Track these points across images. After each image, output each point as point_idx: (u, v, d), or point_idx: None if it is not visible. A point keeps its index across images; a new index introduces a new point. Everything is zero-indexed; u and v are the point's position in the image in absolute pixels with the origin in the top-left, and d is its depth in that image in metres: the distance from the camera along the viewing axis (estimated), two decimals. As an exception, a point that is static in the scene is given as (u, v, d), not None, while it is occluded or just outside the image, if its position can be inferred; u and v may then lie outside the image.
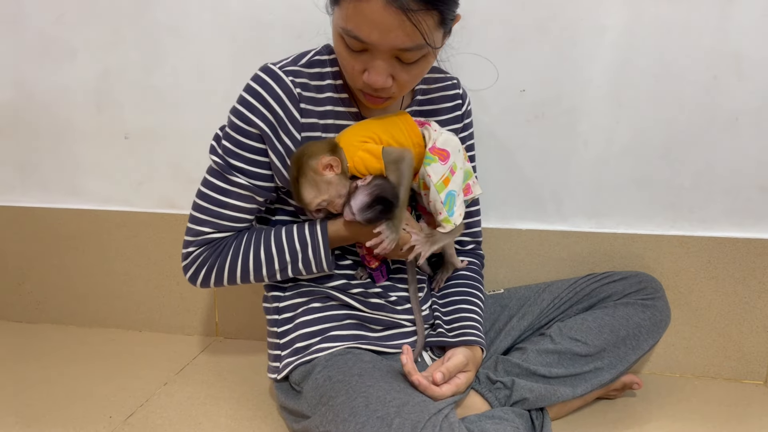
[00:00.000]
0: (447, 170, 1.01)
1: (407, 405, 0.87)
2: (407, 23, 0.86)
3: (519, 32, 1.30)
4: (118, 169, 1.53)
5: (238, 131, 1.03)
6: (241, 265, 1.06)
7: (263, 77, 1.02)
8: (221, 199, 1.05)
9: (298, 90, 1.02)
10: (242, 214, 1.07)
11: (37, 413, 1.18)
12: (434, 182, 1.00)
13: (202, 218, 1.06)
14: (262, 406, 1.21)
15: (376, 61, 0.92)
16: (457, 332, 1.09)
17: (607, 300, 1.19)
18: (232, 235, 1.08)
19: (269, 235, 1.06)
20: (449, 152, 1.03)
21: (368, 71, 0.94)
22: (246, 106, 1.01)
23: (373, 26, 0.87)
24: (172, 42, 1.43)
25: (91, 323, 1.61)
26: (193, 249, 1.08)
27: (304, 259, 1.05)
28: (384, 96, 0.98)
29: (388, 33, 0.87)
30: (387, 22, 0.86)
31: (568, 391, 1.09)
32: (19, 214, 1.59)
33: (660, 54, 1.26)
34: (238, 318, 1.54)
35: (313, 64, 1.05)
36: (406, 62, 0.93)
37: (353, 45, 0.92)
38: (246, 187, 1.04)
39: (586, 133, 1.33)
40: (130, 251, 1.55)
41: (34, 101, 1.53)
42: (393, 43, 0.89)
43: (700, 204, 1.32)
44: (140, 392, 1.26)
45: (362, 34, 0.88)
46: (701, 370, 1.37)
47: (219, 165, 1.05)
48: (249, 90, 1.02)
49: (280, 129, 1.02)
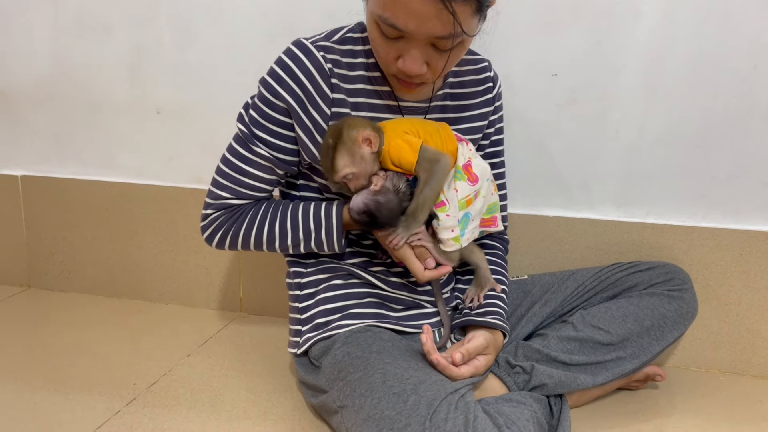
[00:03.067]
0: (472, 192, 1.02)
1: (424, 383, 0.87)
2: (445, 12, 0.85)
3: (553, 15, 1.27)
4: (150, 144, 1.56)
5: (265, 103, 1.03)
6: (255, 234, 1.08)
7: (294, 51, 1.02)
8: (242, 166, 1.07)
9: (329, 65, 1.01)
10: (261, 184, 1.08)
11: (64, 377, 1.21)
12: (459, 198, 1.00)
13: (223, 183, 1.08)
14: (281, 380, 1.23)
15: (412, 49, 0.92)
16: (479, 312, 1.09)
17: (632, 289, 1.17)
18: (250, 202, 1.09)
19: (286, 209, 1.07)
20: (479, 178, 1.03)
21: (403, 58, 0.93)
22: (275, 79, 1.02)
23: (410, 14, 0.86)
24: (205, 19, 1.44)
25: (120, 294, 1.65)
26: (211, 212, 1.10)
27: (316, 238, 1.06)
28: (417, 81, 0.98)
29: (425, 22, 0.87)
30: (424, 11, 0.85)
31: (588, 379, 1.08)
32: (54, 184, 1.63)
33: (698, 41, 1.23)
34: (262, 294, 1.56)
35: (345, 41, 1.05)
36: (442, 49, 0.92)
37: (389, 32, 0.91)
38: (267, 158, 1.05)
39: (619, 120, 1.30)
40: (159, 225, 1.58)
41: (70, 75, 1.56)
42: (430, 32, 0.88)
43: (734, 196, 1.29)
44: (164, 362, 1.29)
45: (399, 23, 0.88)
46: (728, 366, 1.34)
47: (243, 133, 1.06)
48: (280, 63, 1.02)
49: (308, 103, 1.02)
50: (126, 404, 1.12)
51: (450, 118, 1.11)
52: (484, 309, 1.09)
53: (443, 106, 1.11)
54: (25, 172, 1.65)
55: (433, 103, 1.10)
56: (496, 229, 1.10)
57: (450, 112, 1.12)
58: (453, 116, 1.12)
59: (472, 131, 1.14)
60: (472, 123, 1.14)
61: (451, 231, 0.99)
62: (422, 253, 1.01)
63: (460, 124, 1.13)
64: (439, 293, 1.12)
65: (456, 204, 1.00)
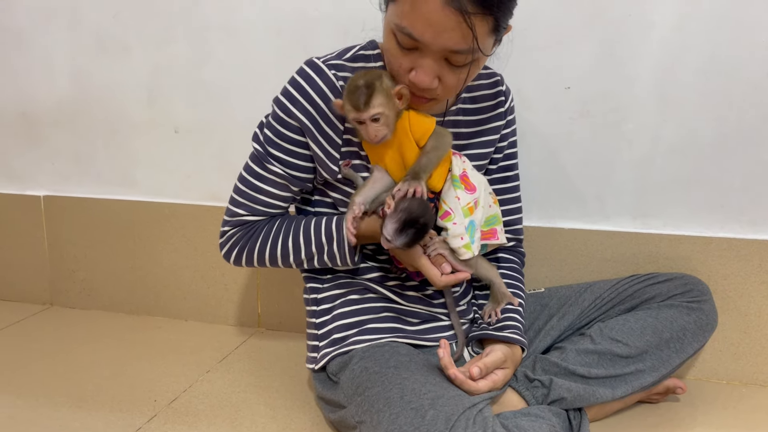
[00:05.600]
0: (472, 201, 1.02)
1: (442, 398, 0.87)
2: (463, 25, 0.86)
3: (565, 28, 1.28)
4: (168, 162, 1.58)
5: (279, 122, 1.05)
6: (270, 250, 1.09)
7: (307, 70, 1.03)
8: (257, 184, 1.08)
9: (340, 83, 1.03)
10: (276, 201, 1.09)
11: (85, 394, 1.23)
12: (461, 205, 1.00)
13: (239, 200, 1.10)
14: (300, 395, 1.23)
15: (425, 61, 0.92)
16: (497, 326, 1.09)
17: (650, 301, 1.17)
18: (265, 219, 1.11)
19: (299, 224, 1.08)
20: (476, 187, 1.04)
21: (415, 70, 0.93)
22: (288, 98, 1.03)
23: (427, 24, 0.87)
24: (221, 38, 1.47)
25: (139, 311, 1.67)
26: (228, 228, 1.12)
27: (329, 251, 1.06)
28: (428, 96, 0.98)
29: (442, 33, 0.87)
30: (443, 22, 0.86)
31: (607, 392, 1.07)
32: (75, 204, 1.65)
33: (711, 51, 1.23)
34: (280, 310, 1.57)
35: (357, 58, 1.07)
36: (455, 65, 0.93)
37: (404, 42, 0.91)
38: (281, 176, 1.06)
39: (632, 131, 1.30)
40: (177, 242, 1.60)
41: (89, 95, 1.59)
42: (445, 44, 0.89)
43: (751, 205, 1.28)
44: (184, 378, 1.30)
45: (416, 32, 0.88)
46: (749, 378, 1.33)
47: (258, 152, 1.07)
48: (293, 82, 1.04)
49: (322, 121, 1.03)
50: (147, 421, 1.13)
51: (463, 133, 1.12)
52: (501, 323, 1.09)
53: (456, 122, 1.12)
54: (47, 192, 1.68)
55: (446, 119, 1.10)
56: (497, 241, 1.08)
57: (462, 127, 1.12)
58: (465, 131, 1.13)
59: (484, 145, 1.15)
60: (484, 137, 1.14)
61: (461, 239, 0.99)
62: (438, 259, 1.00)
63: (472, 139, 1.13)
64: (453, 305, 1.12)
65: (460, 211, 1.00)
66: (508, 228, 1.22)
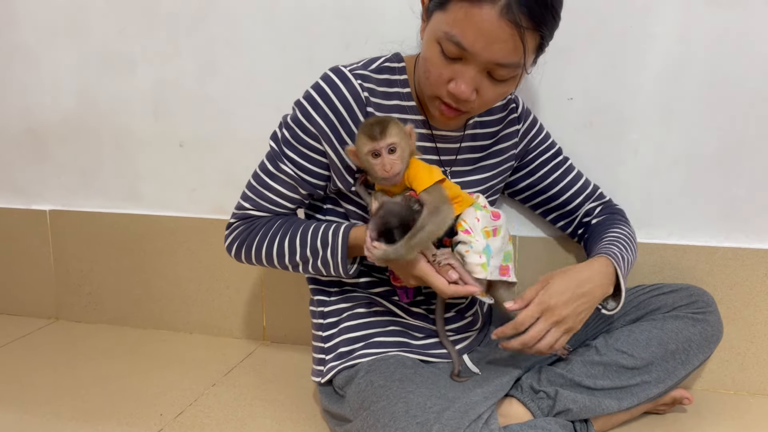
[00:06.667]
0: (491, 227, 1.00)
1: (447, 411, 0.87)
2: (515, 38, 0.86)
3: (567, 39, 1.28)
4: (174, 176, 1.59)
5: (298, 124, 1.05)
6: (266, 248, 1.09)
7: (332, 77, 1.03)
8: (267, 181, 1.09)
9: (365, 93, 1.02)
10: (283, 201, 1.10)
11: (92, 408, 1.23)
12: (480, 228, 0.98)
13: (248, 194, 1.11)
14: (305, 409, 1.23)
15: (467, 72, 0.91)
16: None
17: (655, 312, 1.16)
18: (268, 216, 1.11)
19: (299, 225, 1.08)
20: (500, 215, 1.03)
21: (455, 81, 0.93)
22: (310, 103, 1.03)
23: (479, 34, 0.87)
24: (226, 53, 1.48)
25: (145, 325, 1.67)
26: (233, 221, 1.13)
27: (323, 257, 1.05)
28: (463, 109, 0.97)
29: (492, 44, 0.87)
30: (495, 34, 0.86)
31: (613, 403, 1.07)
32: (81, 218, 1.66)
33: (714, 62, 1.23)
34: (285, 323, 1.57)
35: (382, 70, 1.06)
36: (497, 79, 0.93)
37: (450, 51, 0.91)
38: (292, 176, 1.07)
39: (636, 142, 1.31)
40: (182, 256, 1.60)
41: (95, 110, 1.60)
42: (494, 56, 0.89)
43: (756, 215, 1.28)
44: (189, 392, 1.30)
45: (466, 41, 0.88)
46: (756, 388, 1.32)
47: (273, 150, 1.08)
48: (316, 87, 1.03)
49: (342, 130, 1.02)
50: (153, 435, 1.14)
51: (480, 146, 1.13)
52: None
53: (474, 135, 1.12)
54: (53, 207, 1.69)
55: (466, 132, 1.11)
56: (509, 279, 1.04)
57: (479, 140, 1.13)
58: (482, 144, 1.13)
59: (500, 154, 1.16)
60: (499, 146, 1.15)
61: (479, 257, 0.97)
62: (446, 268, 0.97)
63: (488, 150, 1.14)
64: (441, 319, 1.11)
65: (479, 231, 0.98)
66: (593, 198, 1.25)
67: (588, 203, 1.25)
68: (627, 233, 1.15)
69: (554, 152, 1.23)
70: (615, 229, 1.15)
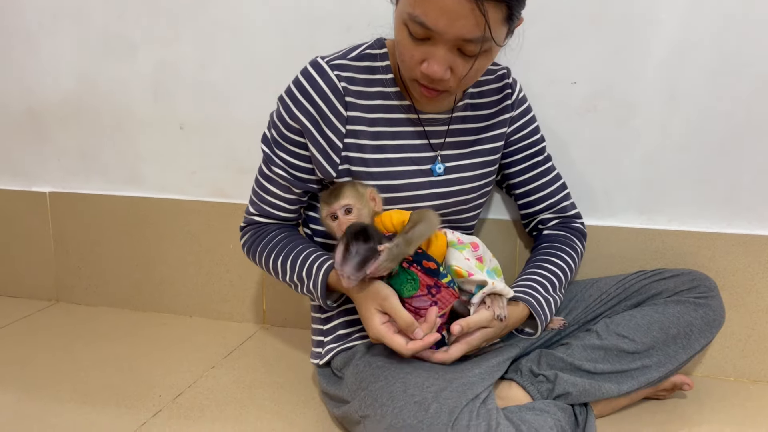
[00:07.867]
0: (474, 258, 1.04)
1: (445, 390, 0.87)
2: (476, 12, 0.85)
3: (571, 24, 1.28)
4: (174, 159, 1.58)
5: (281, 121, 1.06)
6: (266, 263, 1.12)
7: (309, 71, 1.04)
8: (265, 185, 1.10)
9: (343, 84, 1.03)
10: (281, 203, 1.11)
11: (91, 390, 1.23)
12: (474, 264, 1.01)
13: (253, 200, 1.14)
14: (304, 391, 1.23)
15: (437, 51, 0.91)
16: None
17: (657, 297, 1.16)
18: (273, 225, 1.14)
19: (293, 248, 1.09)
20: (478, 245, 1.06)
21: (427, 61, 0.92)
22: (291, 98, 1.04)
23: (441, 12, 0.86)
24: (226, 37, 1.47)
25: (145, 307, 1.67)
26: (244, 225, 1.17)
27: (306, 287, 1.06)
28: (440, 88, 0.97)
29: (455, 21, 0.86)
30: (456, 10, 0.85)
31: (613, 387, 1.06)
32: (81, 200, 1.66)
33: (718, 47, 1.22)
34: (285, 307, 1.57)
35: (363, 57, 1.06)
36: (468, 55, 0.92)
37: (417, 32, 0.90)
38: (284, 177, 1.08)
39: (640, 127, 1.30)
40: (183, 239, 1.60)
41: (96, 93, 1.60)
42: (459, 32, 0.88)
43: (759, 201, 1.27)
44: (189, 374, 1.30)
45: (429, 21, 0.87)
46: (757, 375, 1.31)
47: (265, 154, 1.09)
48: (295, 82, 1.04)
49: (323, 122, 1.03)
50: (152, 416, 1.14)
51: (471, 129, 1.12)
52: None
53: (464, 117, 1.12)
54: (52, 189, 1.69)
55: (454, 114, 1.10)
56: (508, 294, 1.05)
57: (471, 123, 1.12)
58: (474, 126, 1.12)
59: (494, 139, 1.15)
60: (493, 131, 1.14)
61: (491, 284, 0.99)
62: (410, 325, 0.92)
63: (482, 134, 1.13)
64: None
65: (475, 267, 1.01)
66: (552, 210, 1.24)
67: (545, 213, 1.24)
68: (564, 266, 1.15)
69: (536, 151, 1.21)
70: (555, 258, 1.16)
